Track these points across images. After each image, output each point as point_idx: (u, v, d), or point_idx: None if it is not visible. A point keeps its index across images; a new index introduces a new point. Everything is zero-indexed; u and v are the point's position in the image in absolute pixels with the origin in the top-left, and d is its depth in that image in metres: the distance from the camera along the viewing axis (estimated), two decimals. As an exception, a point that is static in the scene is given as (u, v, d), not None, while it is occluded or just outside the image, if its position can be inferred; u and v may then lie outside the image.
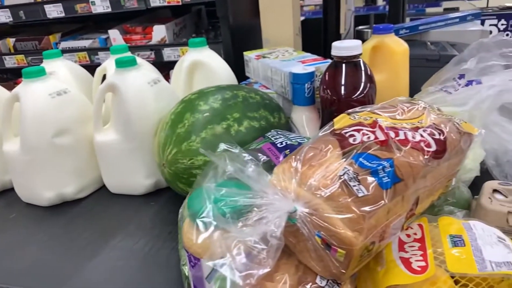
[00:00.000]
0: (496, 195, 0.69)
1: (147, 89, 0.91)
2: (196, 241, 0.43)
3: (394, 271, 0.49)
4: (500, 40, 0.82)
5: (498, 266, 0.45)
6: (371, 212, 0.45)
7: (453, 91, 0.81)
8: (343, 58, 0.78)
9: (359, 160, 0.48)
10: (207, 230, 0.44)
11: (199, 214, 0.44)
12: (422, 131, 0.57)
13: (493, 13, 3.00)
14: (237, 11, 1.23)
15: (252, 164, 0.46)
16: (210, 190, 0.46)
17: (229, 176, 0.46)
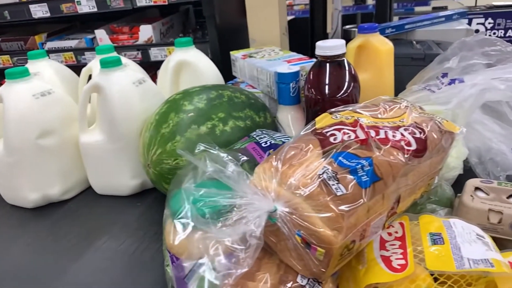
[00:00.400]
0: (478, 193, 0.70)
1: (132, 89, 0.90)
2: (173, 242, 0.43)
3: (375, 269, 0.49)
4: (482, 39, 0.83)
5: (475, 264, 0.45)
6: (350, 211, 0.45)
7: (437, 90, 0.82)
8: (327, 58, 0.79)
9: (339, 159, 0.48)
10: (185, 231, 0.44)
11: (177, 215, 0.44)
12: (403, 130, 0.58)
13: (480, 12, 3.03)
14: (223, 10, 1.23)
15: (232, 164, 0.47)
16: (189, 190, 0.46)
17: (208, 177, 0.46)
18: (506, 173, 0.77)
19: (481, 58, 0.78)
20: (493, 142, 0.80)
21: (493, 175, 0.78)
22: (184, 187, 0.47)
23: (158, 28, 1.43)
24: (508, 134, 0.79)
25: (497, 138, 0.81)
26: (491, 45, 0.81)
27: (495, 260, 0.45)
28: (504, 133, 0.80)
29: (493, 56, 0.80)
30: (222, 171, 0.46)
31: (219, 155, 0.47)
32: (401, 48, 1.23)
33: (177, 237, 0.43)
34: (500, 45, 0.81)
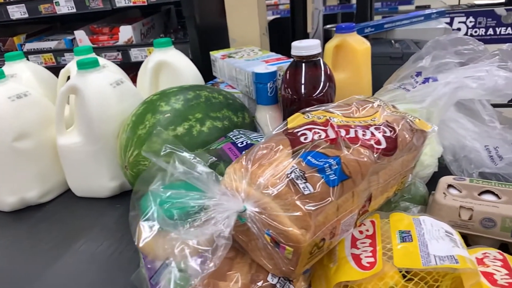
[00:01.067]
0: (450, 190, 0.71)
1: (109, 91, 0.90)
2: (138, 243, 0.43)
3: (345, 267, 0.50)
4: (455, 38, 0.84)
5: (441, 260, 0.46)
6: (317, 210, 0.46)
7: (411, 88, 0.83)
8: (303, 58, 0.79)
9: (307, 158, 0.49)
10: (150, 232, 0.44)
11: (143, 217, 0.45)
12: (374, 129, 0.58)
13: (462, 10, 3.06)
14: (203, 11, 1.23)
15: (200, 165, 0.47)
16: (156, 192, 0.46)
17: (177, 178, 0.46)
18: (479, 170, 0.78)
19: (454, 57, 0.79)
20: (467, 140, 0.82)
21: (467, 172, 0.80)
22: (152, 188, 0.47)
23: (139, 29, 1.43)
24: (481, 132, 0.81)
25: (471, 135, 0.82)
26: (464, 44, 0.82)
27: (460, 256, 0.46)
28: (478, 131, 0.81)
29: (466, 55, 0.81)
30: (191, 172, 0.46)
31: (187, 156, 0.47)
32: (380, 47, 1.24)
33: (142, 238, 0.43)
34: (473, 44, 0.82)
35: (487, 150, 0.80)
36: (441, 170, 0.83)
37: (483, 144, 0.80)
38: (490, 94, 0.74)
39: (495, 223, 0.62)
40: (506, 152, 0.78)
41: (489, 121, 0.78)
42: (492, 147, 0.79)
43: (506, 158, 0.78)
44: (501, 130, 0.77)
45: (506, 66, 0.75)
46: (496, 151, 0.79)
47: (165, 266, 0.41)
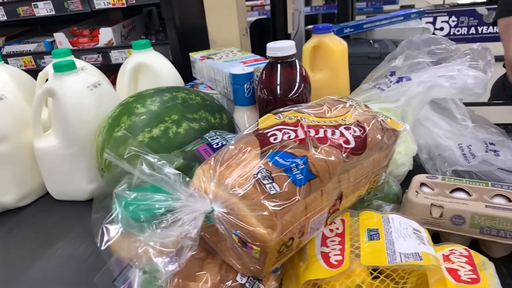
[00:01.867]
0: (423, 189, 0.72)
1: (87, 93, 0.90)
2: (101, 245, 0.43)
3: (314, 266, 0.51)
4: (428, 38, 0.85)
5: (406, 258, 0.47)
6: (284, 209, 0.46)
7: (386, 88, 0.84)
8: (278, 59, 0.80)
9: (275, 158, 0.49)
10: (113, 235, 0.44)
11: (105, 219, 0.45)
12: (343, 129, 0.59)
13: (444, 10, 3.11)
14: (183, 12, 1.23)
15: (167, 167, 0.47)
16: (121, 194, 0.46)
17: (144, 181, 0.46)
18: (452, 168, 0.79)
19: (426, 57, 0.80)
20: (441, 139, 0.83)
21: (440, 170, 0.81)
22: (116, 191, 0.47)
23: (119, 31, 1.42)
24: (454, 130, 0.82)
25: (444, 134, 0.83)
26: (437, 44, 0.83)
27: (425, 253, 0.47)
28: (451, 129, 0.82)
29: (438, 54, 0.83)
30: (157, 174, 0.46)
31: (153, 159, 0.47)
32: (359, 47, 1.25)
33: (105, 241, 0.44)
34: (445, 43, 0.83)
35: (461, 148, 0.81)
36: (417, 169, 0.84)
37: (457, 143, 0.82)
38: (461, 93, 0.75)
39: (464, 220, 0.63)
40: (478, 150, 0.79)
41: (462, 119, 0.79)
42: (465, 145, 0.81)
43: (478, 156, 0.79)
44: (472, 128, 0.79)
45: (476, 65, 0.76)
46: (469, 149, 0.80)
47: (129, 268, 0.41)
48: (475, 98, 0.75)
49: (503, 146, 0.78)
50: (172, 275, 0.48)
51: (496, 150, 0.79)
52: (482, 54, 0.77)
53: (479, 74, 0.73)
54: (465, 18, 3.02)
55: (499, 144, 0.78)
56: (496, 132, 0.79)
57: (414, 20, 1.54)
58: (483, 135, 0.78)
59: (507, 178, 0.76)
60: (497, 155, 0.78)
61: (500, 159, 0.78)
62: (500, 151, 0.78)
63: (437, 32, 3.11)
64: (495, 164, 0.77)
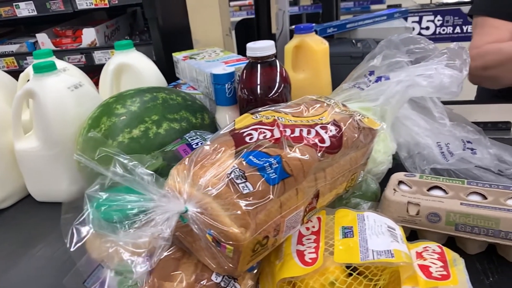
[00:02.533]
0: (401, 187, 0.73)
1: (67, 94, 0.89)
2: (70, 247, 0.43)
3: (289, 264, 0.51)
4: (407, 37, 0.86)
5: (378, 255, 0.47)
6: (257, 208, 0.46)
7: (365, 87, 0.85)
8: (258, 59, 0.80)
9: (249, 158, 0.49)
10: (83, 236, 0.44)
11: (76, 220, 0.45)
12: (319, 128, 0.59)
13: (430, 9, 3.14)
14: (166, 12, 1.23)
15: (140, 168, 0.47)
16: (93, 195, 0.46)
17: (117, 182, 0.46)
18: (431, 166, 0.80)
19: (404, 56, 0.81)
20: (421, 137, 0.84)
21: (419, 168, 0.82)
22: (88, 192, 0.47)
23: (102, 31, 1.41)
24: (433, 129, 0.83)
25: (424, 132, 0.84)
26: (415, 43, 0.84)
27: (397, 250, 0.47)
28: (430, 128, 0.83)
29: (417, 54, 0.83)
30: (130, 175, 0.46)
31: (125, 160, 0.47)
32: (341, 47, 1.26)
33: (74, 242, 0.43)
34: (424, 43, 0.84)
35: (439, 146, 0.82)
36: (397, 167, 0.85)
37: (435, 141, 0.83)
38: (438, 92, 0.76)
39: (440, 218, 0.64)
40: (456, 148, 0.80)
41: (440, 118, 0.80)
42: (444, 144, 0.82)
43: (456, 154, 0.80)
44: (450, 127, 0.79)
45: (453, 64, 0.77)
46: (447, 147, 0.81)
47: (100, 268, 0.41)
48: (452, 96, 0.76)
49: (480, 144, 0.79)
50: (147, 275, 0.49)
51: (473, 149, 0.80)
52: (459, 53, 0.78)
53: (455, 73, 0.74)
54: (450, 17, 3.04)
55: (475, 142, 0.80)
56: (472, 130, 0.80)
57: (398, 19, 1.55)
58: (460, 133, 0.79)
59: (483, 176, 0.77)
60: (474, 153, 0.79)
61: (477, 157, 0.79)
62: (477, 149, 0.79)
63: (423, 31, 3.13)
64: (472, 162, 0.79)
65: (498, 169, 0.79)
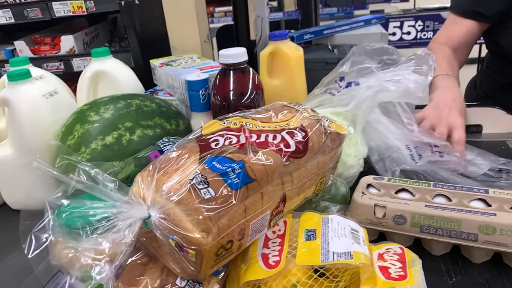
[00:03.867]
0: (370, 190, 0.74)
1: (42, 102, 0.89)
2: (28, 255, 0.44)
3: (254, 267, 0.52)
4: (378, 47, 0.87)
5: (338, 257, 0.48)
6: (219, 213, 0.47)
7: (336, 93, 0.86)
8: (230, 65, 0.81)
9: (212, 163, 0.50)
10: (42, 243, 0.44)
11: (35, 228, 0.45)
12: (285, 133, 0.61)
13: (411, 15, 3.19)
14: (144, 19, 1.24)
15: (102, 175, 0.48)
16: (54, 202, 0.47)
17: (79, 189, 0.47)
18: (400, 168, 0.82)
19: (372, 62, 0.83)
20: (391, 140, 0.85)
21: (390, 170, 0.83)
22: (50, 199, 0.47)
23: (81, 38, 1.42)
24: (402, 134, 0.84)
25: (393, 136, 0.86)
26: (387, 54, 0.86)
27: (356, 252, 0.49)
28: (399, 133, 0.85)
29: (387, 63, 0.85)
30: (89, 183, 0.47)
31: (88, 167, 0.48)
32: (317, 53, 1.28)
33: (33, 249, 0.44)
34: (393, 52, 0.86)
35: (408, 149, 0.84)
36: (370, 170, 0.86)
37: (405, 144, 0.84)
38: (405, 97, 0.78)
39: (405, 220, 0.66)
40: (424, 151, 0.82)
41: (408, 123, 0.82)
42: (413, 146, 0.83)
43: (424, 156, 0.82)
44: (417, 132, 0.81)
45: (420, 70, 0.79)
46: (416, 150, 0.83)
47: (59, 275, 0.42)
48: (419, 101, 0.78)
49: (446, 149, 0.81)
50: (113, 280, 0.49)
51: (441, 152, 0.82)
52: (426, 59, 0.80)
53: (420, 79, 0.76)
54: (431, 22, 3.10)
55: (442, 147, 0.81)
56: (439, 137, 0.82)
57: (375, 25, 1.58)
58: (427, 139, 0.81)
59: (450, 178, 0.79)
60: (441, 156, 0.81)
61: (444, 160, 0.81)
62: (444, 152, 0.81)
63: (404, 36, 3.18)
64: (440, 164, 0.80)
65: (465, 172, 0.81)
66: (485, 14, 1.08)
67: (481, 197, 0.68)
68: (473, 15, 1.10)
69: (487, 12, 1.08)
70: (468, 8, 1.10)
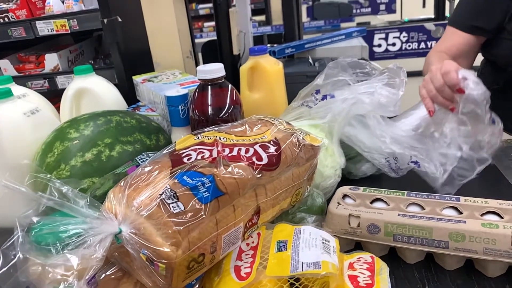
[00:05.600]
0: (346, 200, 0.76)
1: (23, 120, 0.90)
2: None
3: (226, 279, 0.53)
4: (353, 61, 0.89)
5: (307, 267, 0.49)
6: (189, 226, 0.48)
7: (313, 105, 0.88)
8: (208, 81, 0.83)
9: (182, 178, 0.51)
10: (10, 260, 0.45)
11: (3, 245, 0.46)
12: (258, 146, 0.62)
13: (395, 26, 3.24)
14: (127, 37, 1.25)
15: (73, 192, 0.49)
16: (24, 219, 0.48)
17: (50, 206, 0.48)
18: None
19: (345, 75, 0.85)
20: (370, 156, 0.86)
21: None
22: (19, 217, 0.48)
23: (65, 56, 1.43)
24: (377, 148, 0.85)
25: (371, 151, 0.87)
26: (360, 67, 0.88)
27: (324, 262, 0.50)
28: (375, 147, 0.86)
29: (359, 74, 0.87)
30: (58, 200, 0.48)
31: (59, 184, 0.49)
32: (298, 67, 1.30)
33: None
34: (366, 66, 0.88)
35: (388, 162, 0.85)
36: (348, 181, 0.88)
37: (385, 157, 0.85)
38: (378, 109, 0.80)
39: (379, 229, 0.67)
40: (403, 163, 0.83)
41: (381, 136, 0.83)
42: (392, 158, 0.85)
43: (403, 168, 0.83)
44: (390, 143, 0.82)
45: (393, 82, 0.81)
46: (395, 162, 0.84)
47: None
48: (392, 114, 0.80)
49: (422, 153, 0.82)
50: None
51: (417, 161, 0.83)
52: (398, 72, 0.82)
53: (391, 93, 0.77)
54: (415, 33, 3.15)
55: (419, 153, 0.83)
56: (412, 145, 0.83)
57: (356, 38, 1.61)
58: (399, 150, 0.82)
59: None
60: (418, 166, 0.82)
61: (422, 170, 0.82)
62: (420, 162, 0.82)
63: (389, 47, 3.23)
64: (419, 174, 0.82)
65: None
66: (486, 29, 1.08)
67: (453, 205, 0.69)
68: (473, 30, 1.09)
69: (488, 26, 1.07)
70: (468, 23, 1.10)
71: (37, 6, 1.41)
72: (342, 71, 0.88)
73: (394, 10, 4.76)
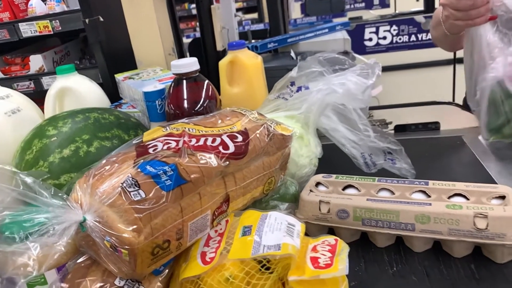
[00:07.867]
0: (319, 187, 0.77)
1: (4, 120, 0.92)
2: None
3: (192, 264, 0.54)
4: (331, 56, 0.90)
5: (268, 249, 0.51)
6: (151, 213, 0.50)
7: (289, 97, 0.89)
8: (182, 75, 0.84)
9: (145, 167, 0.53)
10: None
11: None
12: (226, 136, 0.63)
13: (385, 20, 3.24)
14: (109, 36, 1.26)
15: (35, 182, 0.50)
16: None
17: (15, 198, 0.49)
18: None
19: (317, 66, 0.86)
20: (347, 148, 0.88)
21: (341, 169, 0.86)
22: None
23: (50, 57, 1.44)
24: (358, 140, 0.87)
25: (350, 144, 0.88)
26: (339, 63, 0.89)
27: (285, 244, 0.51)
28: (356, 139, 0.87)
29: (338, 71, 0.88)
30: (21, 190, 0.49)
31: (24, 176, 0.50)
32: (280, 61, 1.32)
33: None
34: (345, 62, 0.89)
35: (363, 157, 0.86)
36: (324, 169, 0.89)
37: (360, 152, 0.86)
38: (348, 98, 0.81)
39: (348, 214, 0.68)
40: (378, 158, 0.85)
41: (364, 130, 0.84)
42: (367, 154, 0.86)
43: (378, 164, 0.85)
44: (374, 138, 0.84)
45: (366, 73, 0.82)
46: (371, 158, 0.86)
47: None
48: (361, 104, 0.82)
49: (400, 154, 0.84)
50: (56, 283, 0.51)
51: (393, 159, 0.84)
52: (373, 67, 0.83)
53: (359, 80, 0.79)
54: (405, 26, 3.15)
55: (395, 153, 0.84)
56: (394, 141, 0.84)
57: (340, 31, 1.62)
58: (383, 143, 0.83)
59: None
60: (393, 163, 0.84)
61: (396, 167, 0.84)
62: (396, 160, 0.84)
63: (380, 41, 3.23)
64: (392, 171, 0.83)
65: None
66: None
67: (422, 188, 0.71)
68: None
69: None
70: None
71: (20, 8, 1.43)
72: (320, 65, 0.89)
73: (388, 4, 4.75)
